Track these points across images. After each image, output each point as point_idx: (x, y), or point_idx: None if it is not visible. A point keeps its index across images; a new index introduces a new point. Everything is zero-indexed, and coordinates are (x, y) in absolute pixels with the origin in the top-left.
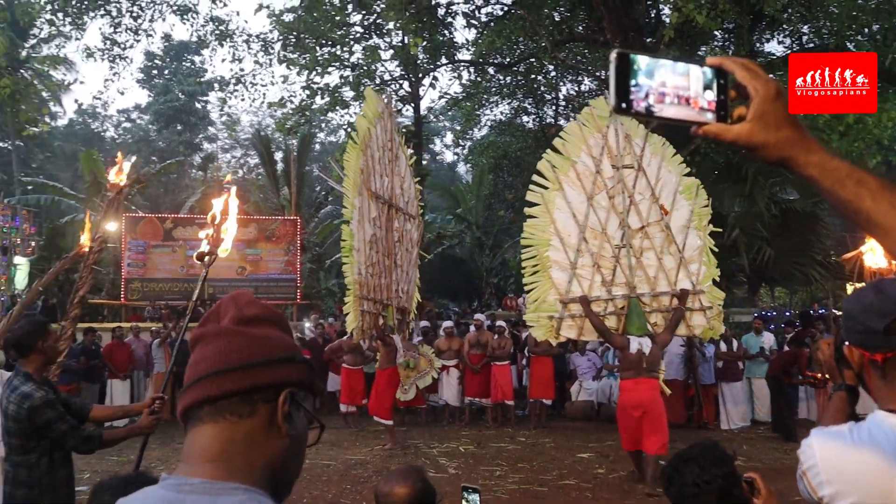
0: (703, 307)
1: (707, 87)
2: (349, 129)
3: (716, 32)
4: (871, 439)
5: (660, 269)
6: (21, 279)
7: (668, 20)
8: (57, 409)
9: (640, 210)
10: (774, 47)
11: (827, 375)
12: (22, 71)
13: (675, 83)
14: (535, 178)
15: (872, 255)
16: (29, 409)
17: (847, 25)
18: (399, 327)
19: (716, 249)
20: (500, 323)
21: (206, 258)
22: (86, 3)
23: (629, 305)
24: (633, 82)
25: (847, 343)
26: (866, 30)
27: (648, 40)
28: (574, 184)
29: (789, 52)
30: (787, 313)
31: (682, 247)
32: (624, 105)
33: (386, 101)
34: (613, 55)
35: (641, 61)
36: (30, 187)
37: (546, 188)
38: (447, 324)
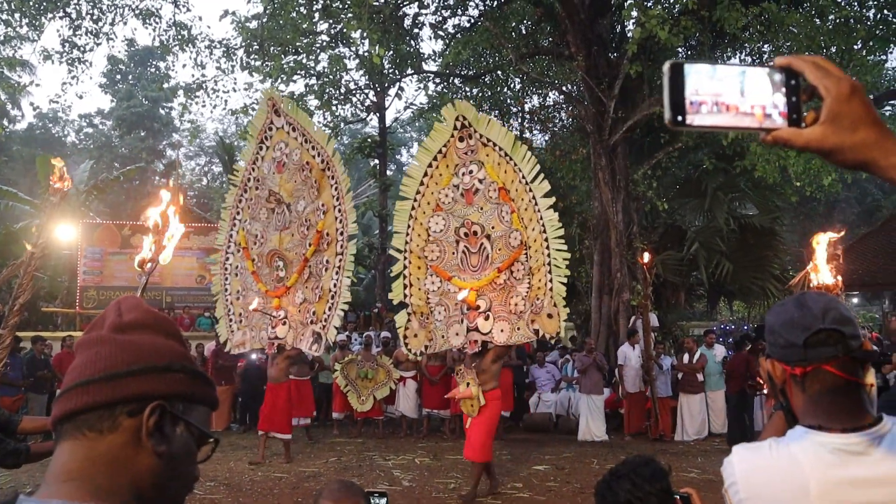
0: None
1: (773, 90)
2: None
3: (678, 49)
4: (790, 456)
5: None
6: None
7: (631, 35)
8: None
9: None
10: None
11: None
12: None
13: (732, 90)
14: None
15: (816, 273)
16: None
17: (805, 46)
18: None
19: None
20: None
21: (147, 265)
22: (44, 4)
23: None
24: (688, 94)
25: (769, 358)
26: (824, 50)
27: (612, 55)
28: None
29: None
30: (746, 327)
31: None
32: (680, 118)
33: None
34: (667, 67)
35: (697, 70)
36: None
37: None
38: None
